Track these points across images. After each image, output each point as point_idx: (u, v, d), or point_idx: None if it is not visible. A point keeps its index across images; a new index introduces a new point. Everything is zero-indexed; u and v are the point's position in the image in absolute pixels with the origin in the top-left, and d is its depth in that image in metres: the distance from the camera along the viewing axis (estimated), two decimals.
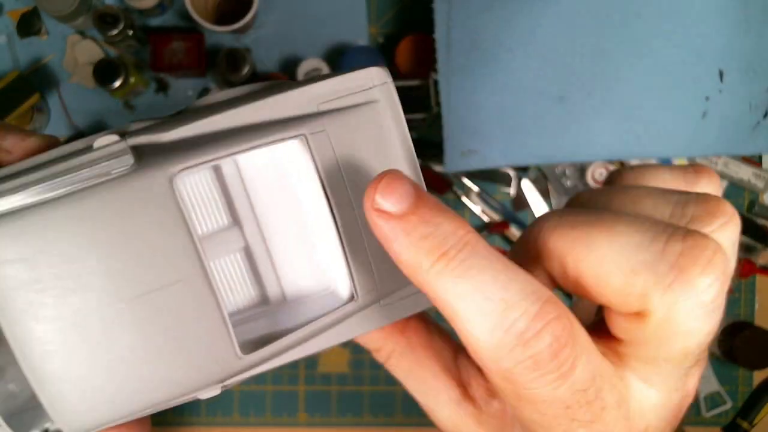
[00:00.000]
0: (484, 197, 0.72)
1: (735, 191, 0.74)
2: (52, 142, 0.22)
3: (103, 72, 0.63)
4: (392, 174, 0.18)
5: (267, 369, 0.22)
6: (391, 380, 0.79)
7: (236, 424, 0.73)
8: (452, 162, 0.62)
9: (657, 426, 0.20)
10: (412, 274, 0.18)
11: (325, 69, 0.67)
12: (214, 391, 0.21)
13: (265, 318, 0.24)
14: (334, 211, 0.21)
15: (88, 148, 0.20)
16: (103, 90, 0.65)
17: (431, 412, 0.25)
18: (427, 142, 0.69)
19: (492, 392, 0.23)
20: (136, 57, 0.69)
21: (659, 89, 0.62)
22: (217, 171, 0.23)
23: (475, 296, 0.17)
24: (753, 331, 0.70)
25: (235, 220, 0.24)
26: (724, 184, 0.73)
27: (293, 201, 0.23)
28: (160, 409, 0.21)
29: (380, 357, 0.25)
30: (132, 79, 0.65)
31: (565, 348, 0.17)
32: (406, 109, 0.24)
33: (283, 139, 0.21)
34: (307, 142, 0.21)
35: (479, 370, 0.23)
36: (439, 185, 0.71)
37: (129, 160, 0.19)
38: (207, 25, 0.62)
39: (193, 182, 0.23)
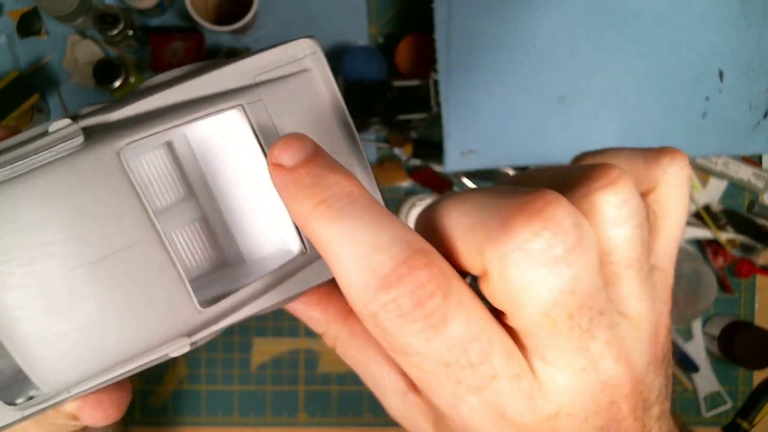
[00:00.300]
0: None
1: (735, 191, 0.74)
2: (14, 131, 0.23)
3: (103, 72, 0.63)
4: (292, 134, 0.20)
5: (229, 323, 0.23)
6: None
7: (236, 424, 0.73)
8: (452, 162, 0.62)
9: (572, 413, 0.19)
10: (297, 221, 0.19)
11: None
12: (184, 348, 0.23)
13: (226, 279, 0.25)
14: None
15: (45, 133, 0.21)
16: (103, 90, 0.65)
17: (382, 400, 0.25)
18: (427, 142, 0.69)
19: None
20: (136, 57, 0.69)
21: (659, 89, 0.62)
22: (170, 147, 0.25)
23: (347, 240, 0.18)
24: (753, 331, 0.70)
25: (191, 192, 0.26)
26: (724, 184, 0.73)
27: (242, 168, 0.25)
28: (134, 367, 0.23)
29: (328, 342, 0.26)
30: (132, 79, 0.65)
31: (434, 297, 0.17)
32: (407, 109, 0.24)
33: (222, 110, 0.22)
34: (245, 112, 0.22)
35: None
36: (439, 185, 0.71)
37: (79, 139, 0.21)
38: (207, 25, 0.62)
39: (149, 160, 0.25)
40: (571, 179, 0.20)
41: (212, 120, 0.23)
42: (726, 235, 0.72)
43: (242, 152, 0.24)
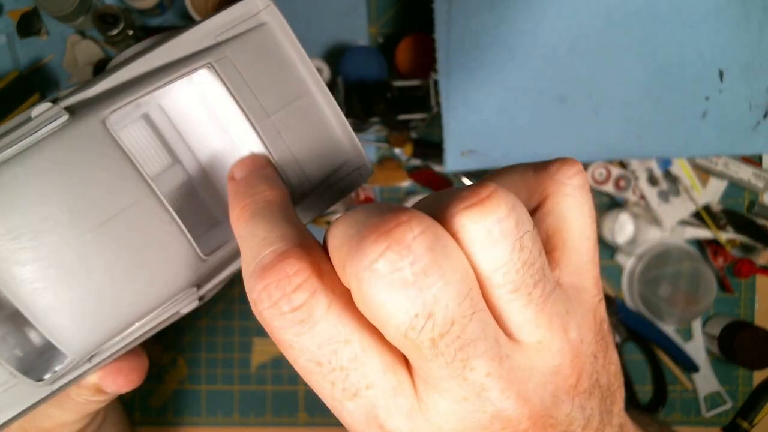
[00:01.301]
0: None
1: (735, 191, 0.74)
2: None
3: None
4: (250, 154, 0.23)
5: (231, 272, 0.25)
6: None
7: (236, 424, 0.73)
8: (452, 162, 0.62)
9: None
10: (231, 223, 0.22)
11: (325, 69, 0.67)
12: (193, 303, 0.24)
13: (220, 235, 0.27)
14: (252, 122, 0.24)
15: (28, 119, 0.22)
16: None
17: None
18: (427, 142, 0.69)
19: None
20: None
21: (659, 89, 0.62)
22: (148, 119, 0.26)
23: (250, 235, 0.20)
24: (753, 331, 0.70)
25: (174, 158, 0.27)
26: (724, 184, 0.73)
27: (219, 126, 0.26)
28: (150, 327, 0.24)
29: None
30: None
31: (299, 291, 0.18)
32: (407, 109, 0.25)
33: (192, 70, 0.24)
34: (215, 69, 0.24)
35: None
36: (439, 185, 0.70)
37: (64, 116, 0.22)
38: None
39: (130, 134, 0.26)
40: (447, 200, 0.19)
41: (184, 85, 0.24)
42: (726, 235, 0.72)
43: (218, 110, 0.25)
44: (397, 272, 0.16)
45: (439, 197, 0.20)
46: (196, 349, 0.72)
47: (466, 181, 0.71)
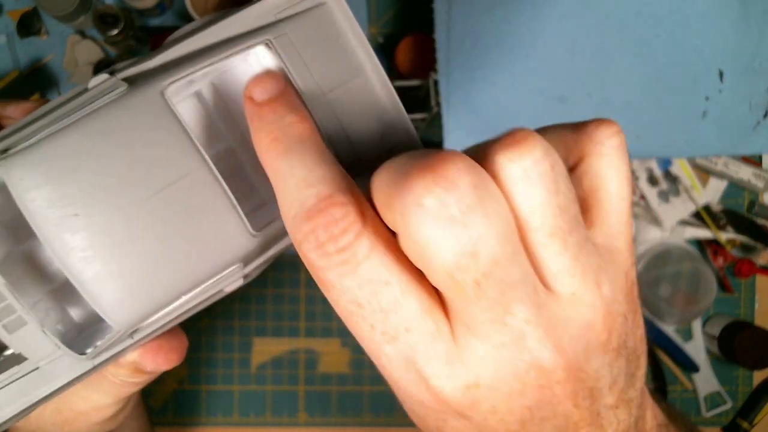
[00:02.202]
0: None
1: (735, 191, 0.74)
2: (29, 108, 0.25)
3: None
4: (268, 72, 0.22)
5: (277, 250, 0.24)
6: None
7: (236, 424, 0.73)
8: None
9: (493, 387, 0.19)
10: (256, 150, 0.21)
11: None
12: (237, 282, 0.24)
13: (266, 215, 0.26)
14: (305, 101, 0.24)
15: (85, 90, 0.22)
16: None
17: None
18: (427, 142, 0.69)
19: None
20: (136, 57, 0.69)
21: (659, 89, 0.62)
22: (201, 98, 0.26)
23: (287, 174, 0.20)
24: (753, 331, 0.70)
25: (223, 137, 0.27)
26: (724, 184, 0.73)
27: None
28: (194, 305, 0.24)
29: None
30: None
31: (346, 234, 0.18)
32: (407, 109, 0.25)
33: (251, 45, 0.23)
34: (274, 45, 0.23)
35: None
36: None
37: (123, 85, 0.22)
38: None
39: (183, 110, 0.26)
40: (484, 145, 0.19)
41: (239, 64, 0.24)
42: (726, 235, 0.72)
43: None
44: (443, 208, 0.17)
45: (478, 145, 0.20)
46: (196, 349, 0.72)
47: None
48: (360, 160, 0.25)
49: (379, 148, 0.25)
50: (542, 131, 0.22)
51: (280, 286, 0.73)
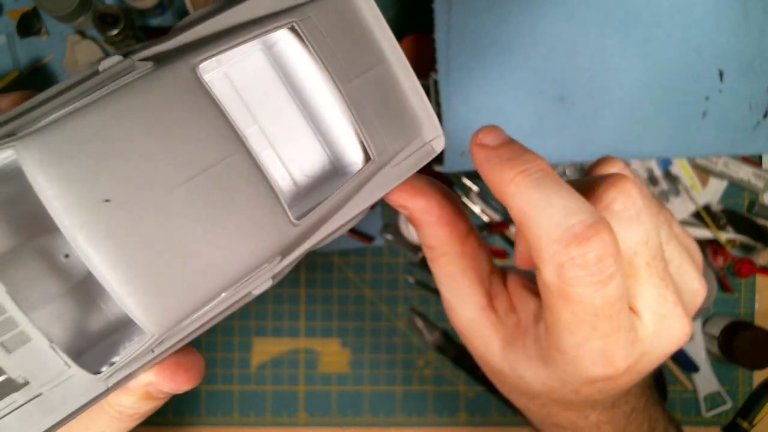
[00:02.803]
0: (484, 197, 0.72)
1: (735, 191, 0.74)
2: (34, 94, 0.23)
3: None
4: (491, 125, 0.25)
5: (317, 241, 0.23)
6: (391, 380, 0.79)
7: (236, 424, 0.73)
8: (452, 162, 0.62)
9: (653, 354, 0.24)
10: (496, 186, 0.24)
11: None
12: (267, 283, 0.22)
13: (301, 203, 0.25)
14: (338, 85, 0.22)
15: (96, 73, 0.20)
16: None
17: (455, 309, 0.29)
18: None
19: (512, 308, 0.28)
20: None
21: (659, 89, 0.62)
22: (214, 87, 0.24)
23: (544, 203, 0.22)
24: (753, 331, 0.70)
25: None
26: (724, 184, 0.73)
27: (288, 95, 0.25)
28: (220, 312, 0.21)
29: (432, 253, 0.28)
30: None
31: (609, 258, 0.21)
32: None
33: (276, 28, 0.22)
34: (300, 28, 0.22)
35: (505, 288, 0.28)
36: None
37: (146, 64, 0.20)
38: None
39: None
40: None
41: (255, 53, 0.23)
42: (726, 235, 0.72)
43: (293, 77, 0.24)
44: (626, 211, 0.23)
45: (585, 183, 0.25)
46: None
47: (466, 181, 0.71)
48: (387, 150, 0.24)
49: (405, 137, 0.24)
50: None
51: (280, 287, 0.73)
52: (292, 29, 0.22)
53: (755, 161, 0.74)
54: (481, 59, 0.61)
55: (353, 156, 0.24)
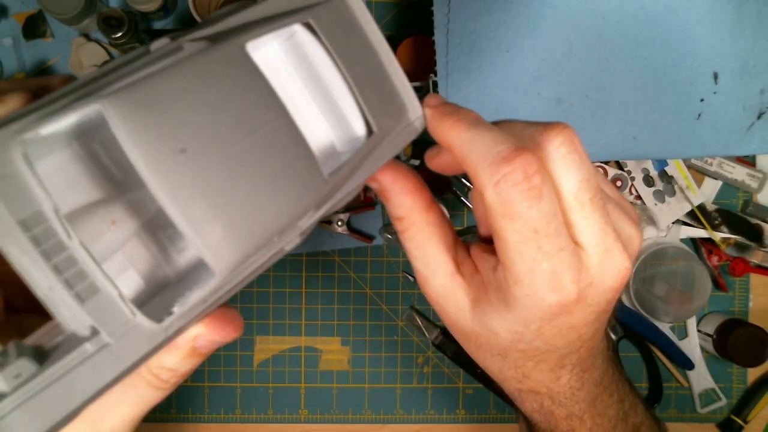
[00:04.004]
0: None
1: (729, 191, 0.75)
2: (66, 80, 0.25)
3: None
4: (433, 93, 0.28)
5: (333, 203, 0.26)
6: (391, 377, 0.79)
7: (239, 421, 0.74)
8: None
9: (600, 286, 0.27)
10: (438, 133, 0.28)
11: None
12: (296, 240, 0.25)
13: (328, 165, 0.27)
14: (344, 71, 0.26)
15: (147, 52, 0.23)
16: None
17: (426, 279, 0.31)
18: (427, 142, 0.70)
19: (476, 270, 0.30)
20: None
21: (655, 91, 0.63)
22: None
23: (477, 137, 0.26)
24: (747, 329, 0.70)
25: None
26: (719, 184, 0.74)
27: (300, 80, 0.28)
28: (263, 262, 0.23)
29: (401, 225, 0.30)
30: None
31: (535, 175, 0.24)
32: None
33: (293, 22, 0.26)
34: (314, 25, 0.26)
35: (469, 254, 0.31)
36: (438, 185, 0.71)
37: (200, 42, 0.23)
38: None
39: None
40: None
41: (279, 41, 0.27)
42: (720, 235, 0.73)
43: (310, 62, 0.27)
44: (570, 154, 0.26)
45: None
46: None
47: (466, 181, 0.72)
48: (383, 130, 0.28)
49: (396, 119, 0.28)
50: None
51: (282, 285, 0.74)
52: (307, 25, 0.26)
53: (749, 162, 0.74)
54: (479, 61, 0.62)
55: (356, 132, 0.28)
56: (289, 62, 0.28)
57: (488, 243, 0.30)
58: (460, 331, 0.31)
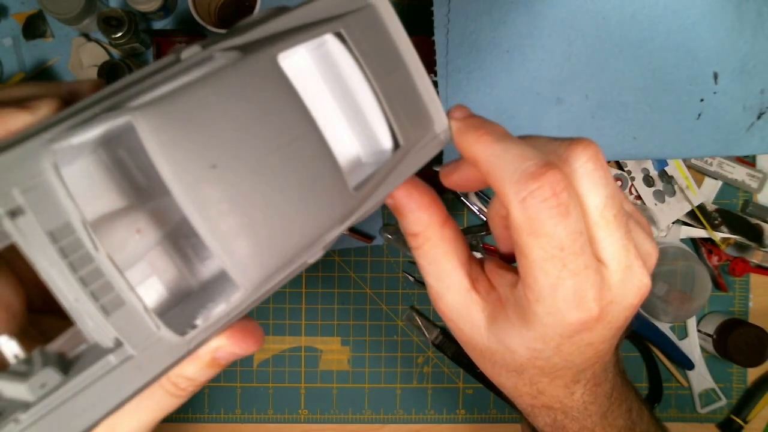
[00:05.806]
0: (482, 197, 0.73)
1: (729, 191, 0.75)
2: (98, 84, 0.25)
3: (108, 74, 0.64)
4: (459, 104, 0.29)
5: (366, 210, 0.25)
6: (391, 377, 0.80)
7: (239, 421, 0.74)
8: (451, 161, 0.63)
9: (620, 303, 0.27)
10: (467, 148, 0.27)
11: None
12: (319, 253, 0.24)
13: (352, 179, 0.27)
14: (373, 82, 0.26)
15: (177, 60, 0.22)
16: None
17: (440, 295, 0.30)
18: None
19: (492, 287, 0.29)
20: (140, 59, 0.70)
21: (655, 91, 0.63)
22: None
23: (504, 152, 0.25)
24: (747, 329, 0.70)
25: None
26: (719, 184, 0.74)
27: (328, 90, 0.28)
28: (287, 274, 0.23)
29: (415, 242, 0.30)
30: None
31: (563, 192, 0.24)
32: None
33: (324, 32, 0.25)
34: (344, 35, 0.26)
35: (483, 270, 0.30)
36: (439, 185, 0.71)
37: (232, 52, 0.22)
38: (210, 27, 0.63)
39: None
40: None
41: (309, 51, 0.26)
42: (720, 235, 0.73)
43: (338, 72, 0.27)
44: (597, 171, 0.26)
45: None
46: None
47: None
48: (409, 142, 0.28)
49: (422, 131, 0.28)
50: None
51: (282, 286, 0.74)
52: (338, 34, 0.26)
53: (749, 162, 0.74)
54: (479, 61, 0.62)
55: (383, 144, 0.27)
56: (317, 71, 0.27)
57: (507, 260, 0.30)
58: (474, 348, 0.30)
